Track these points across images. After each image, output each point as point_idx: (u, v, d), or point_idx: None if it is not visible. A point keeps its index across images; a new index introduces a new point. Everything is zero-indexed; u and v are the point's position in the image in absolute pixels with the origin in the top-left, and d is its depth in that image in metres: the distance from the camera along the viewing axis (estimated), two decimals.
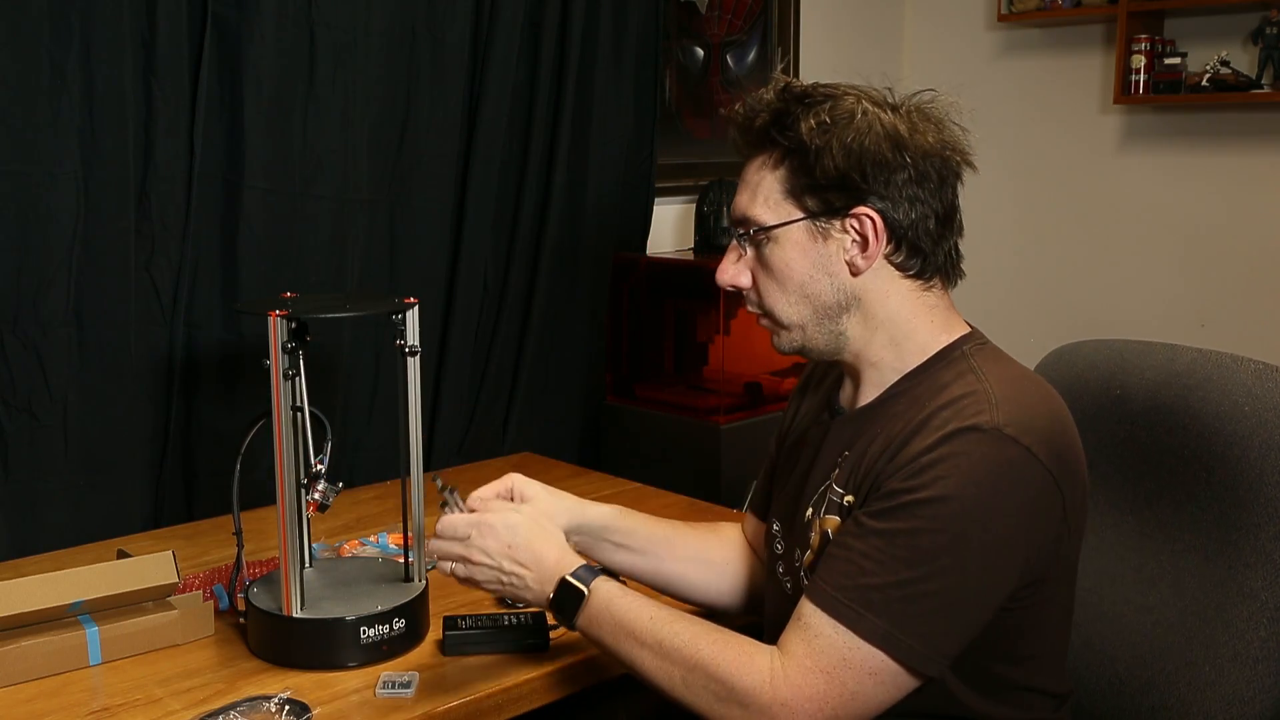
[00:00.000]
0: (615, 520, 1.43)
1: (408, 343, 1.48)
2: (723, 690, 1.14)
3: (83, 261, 1.87)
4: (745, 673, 1.13)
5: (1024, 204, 3.44)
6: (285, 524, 1.43)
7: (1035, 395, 1.18)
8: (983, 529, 1.09)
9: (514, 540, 1.27)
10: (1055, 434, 1.14)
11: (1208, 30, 3.02)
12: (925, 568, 1.09)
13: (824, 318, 1.24)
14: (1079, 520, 1.19)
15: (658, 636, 1.19)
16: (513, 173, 2.45)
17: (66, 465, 1.90)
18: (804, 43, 3.23)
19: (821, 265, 1.22)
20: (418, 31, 2.23)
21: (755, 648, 1.16)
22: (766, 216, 1.23)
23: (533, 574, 1.27)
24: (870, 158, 1.18)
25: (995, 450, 1.09)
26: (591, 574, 1.25)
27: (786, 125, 1.21)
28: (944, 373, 1.20)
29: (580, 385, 2.64)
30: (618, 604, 1.22)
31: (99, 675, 1.42)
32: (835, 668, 1.11)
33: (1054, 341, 1.63)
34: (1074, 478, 1.16)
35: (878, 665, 1.10)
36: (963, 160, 1.23)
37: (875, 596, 1.10)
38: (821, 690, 1.11)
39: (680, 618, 1.21)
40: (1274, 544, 1.25)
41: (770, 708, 1.12)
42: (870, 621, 1.10)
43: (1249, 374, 1.30)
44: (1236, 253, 3.06)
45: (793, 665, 1.13)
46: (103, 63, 1.84)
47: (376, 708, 1.34)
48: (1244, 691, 1.25)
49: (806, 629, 1.13)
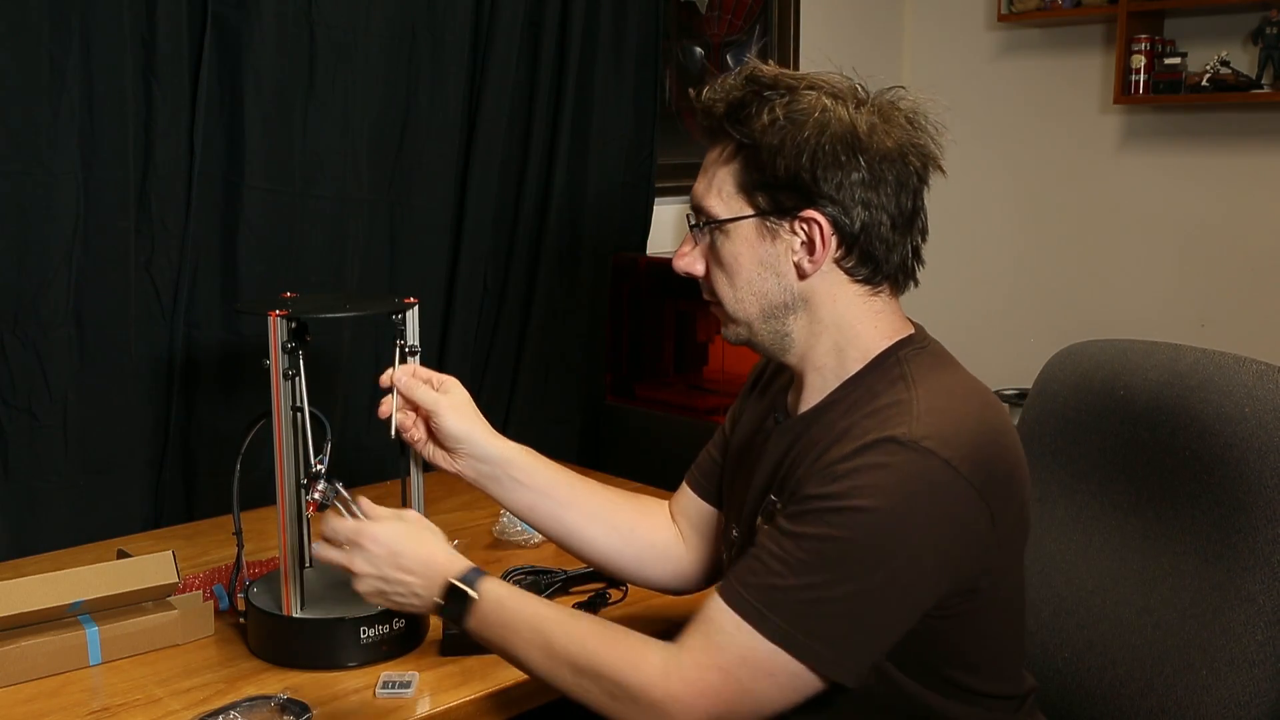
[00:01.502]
0: (518, 456, 1.41)
1: (408, 343, 1.48)
2: (614, 687, 1.13)
3: (83, 261, 1.87)
4: (636, 668, 1.13)
5: (1024, 204, 3.44)
6: (285, 524, 1.43)
7: (964, 406, 1.15)
8: (895, 540, 1.08)
9: (398, 547, 1.25)
10: (981, 446, 1.12)
11: (1208, 30, 3.02)
12: (832, 574, 1.09)
13: (770, 316, 1.22)
14: (1014, 532, 1.17)
15: (546, 637, 1.18)
16: (513, 173, 2.45)
17: (66, 465, 1.90)
18: (804, 43, 3.23)
19: (769, 264, 1.20)
20: (418, 31, 2.23)
21: (647, 644, 1.15)
22: (719, 209, 1.21)
23: (419, 580, 1.24)
24: (823, 160, 1.15)
25: (912, 462, 1.08)
26: (478, 575, 1.23)
27: (741, 119, 1.18)
28: (877, 381, 1.19)
29: (580, 385, 2.64)
30: (507, 605, 1.20)
31: (99, 675, 1.43)
32: (733, 664, 1.11)
33: (1053, 341, 1.63)
34: (1004, 490, 1.14)
35: (777, 665, 1.10)
36: (927, 163, 1.21)
37: (780, 597, 1.10)
38: (716, 686, 1.11)
39: (571, 617, 1.21)
40: (1271, 547, 1.24)
41: (663, 702, 1.11)
42: (773, 621, 1.09)
43: (1250, 375, 1.30)
44: (1236, 253, 3.06)
45: (689, 660, 1.12)
46: (103, 63, 1.84)
47: (376, 708, 1.34)
48: (1240, 695, 1.24)
49: (709, 624, 1.13)
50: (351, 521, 1.28)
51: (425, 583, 1.24)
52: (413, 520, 1.31)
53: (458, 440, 1.38)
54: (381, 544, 1.25)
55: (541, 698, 1.43)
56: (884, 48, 3.53)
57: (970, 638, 1.18)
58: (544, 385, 2.57)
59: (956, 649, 1.18)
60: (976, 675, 1.20)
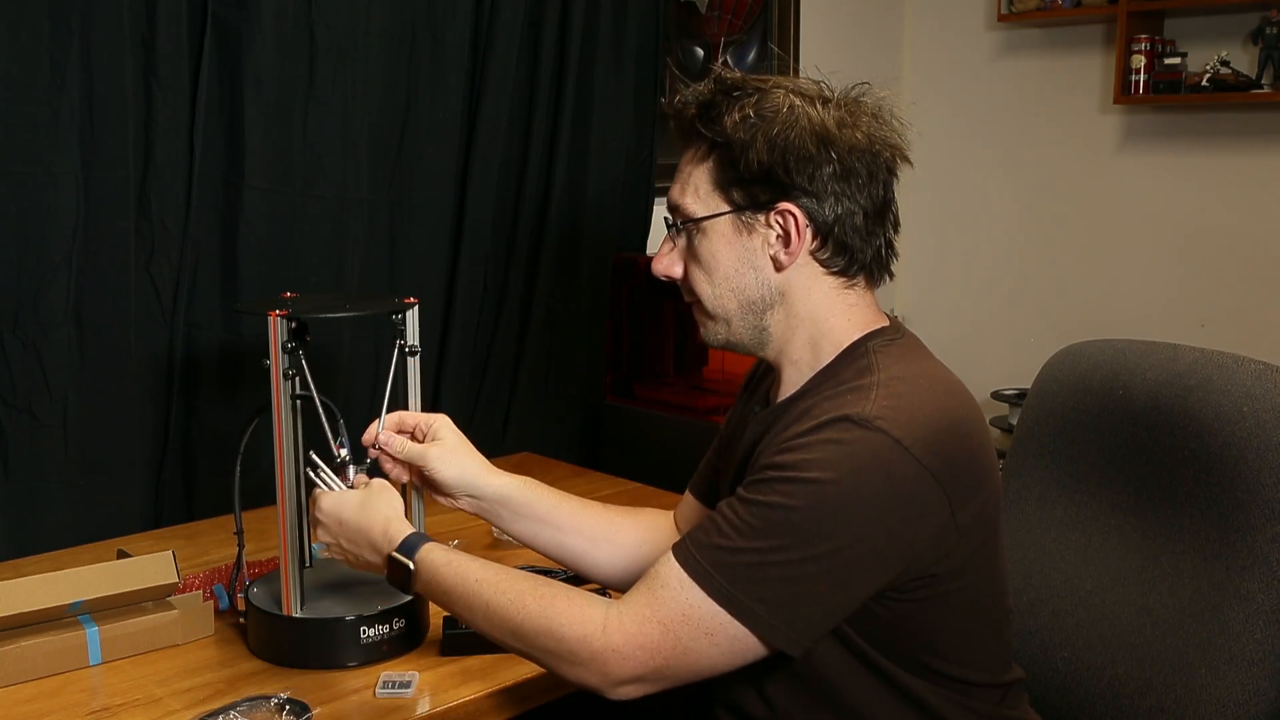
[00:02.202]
0: (515, 492, 1.43)
1: (408, 343, 1.49)
2: (552, 643, 1.17)
3: (83, 261, 1.87)
4: (575, 623, 1.15)
5: (1024, 204, 3.44)
6: (285, 524, 1.43)
7: (925, 394, 1.17)
8: (842, 513, 1.10)
9: (343, 517, 1.35)
10: (938, 432, 1.13)
11: (1208, 30, 3.02)
12: (777, 540, 1.10)
13: (748, 312, 1.25)
14: (977, 521, 1.17)
15: (484, 599, 1.21)
16: (513, 173, 2.45)
17: (66, 465, 1.90)
18: (804, 43, 3.23)
19: (746, 259, 1.23)
20: (418, 31, 2.23)
21: (588, 600, 1.18)
22: (695, 208, 1.24)
23: (366, 551, 1.33)
24: (794, 153, 1.18)
25: (863, 439, 1.10)
26: (419, 542, 1.29)
27: (712, 118, 1.21)
28: (845, 369, 1.21)
29: (580, 385, 2.64)
30: (442, 573, 1.25)
31: (99, 675, 1.43)
32: (673, 620, 1.13)
33: (1053, 340, 1.63)
34: (964, 478, 1.14)
35: (716, 625, 1.12)
36: (895, 155, 1.23)
37: (725, 559, 1.12)
38: (655, 640, 1.13)
39: (509, 578, 1.23)
40: (1270, 546, 1.24)
41: (602, 653, 1.14)
42: (716, 581, 1.11)
43: (1249, 375, 1.30)
44: (1236, 253, 3.07)
45: (630, 613, 1.14)
46: (103, 63, 1.84)
47: (376, 708, 1.34)
48: (1239, 694, 1.24)
49: (655, 578, 1.15)
50: (315, 493, 1.39)
51: (371, 553, 1.33)
52: (372, 489, 1.37)
53: (451, 487, 1.41)
54: (328, 514, 1.36)
55: (542, 697, 1.43)
56: (884, 48, 3.53)
57: (936, 624, 1.19)
58: (544, 385, 2.57)
59: (922, 634, 1.19)
60: (948, 662, 1.21)
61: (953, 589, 1.18)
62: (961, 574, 1.18)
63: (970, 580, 1.19)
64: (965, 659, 1.23)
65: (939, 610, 1.18)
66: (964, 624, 1.21)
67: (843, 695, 1.21)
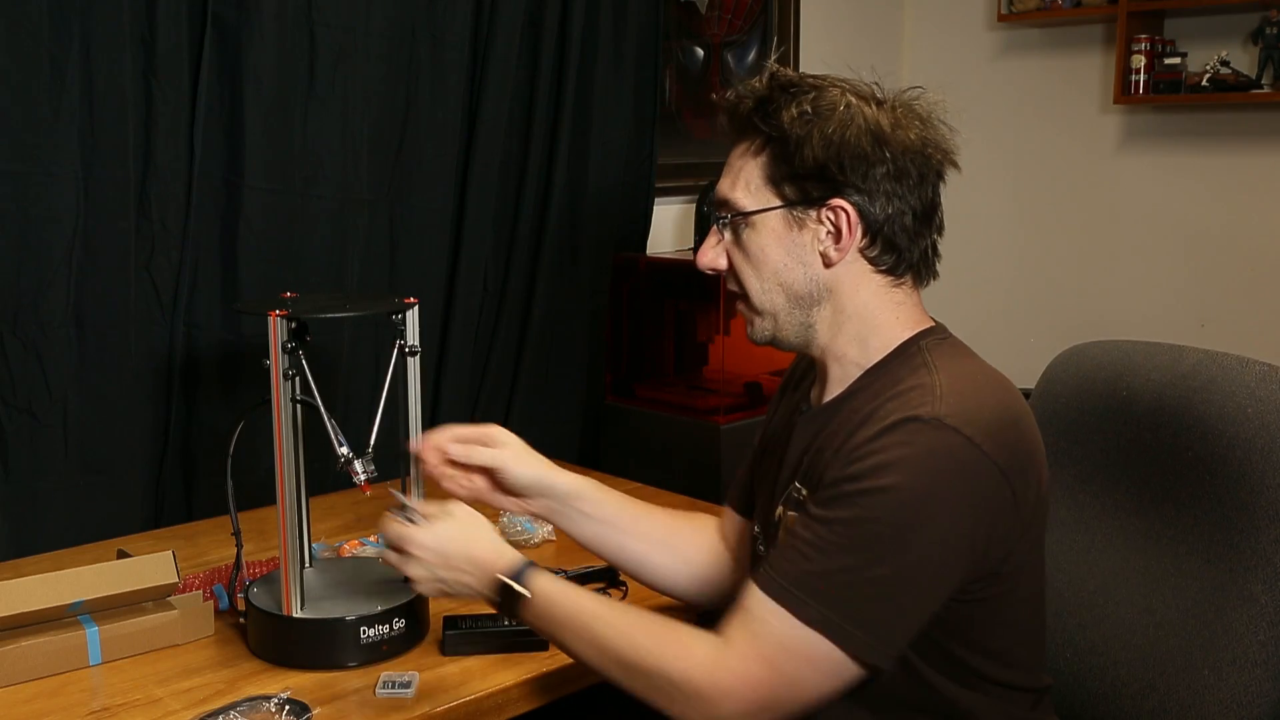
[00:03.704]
0: (586, 490, 1.44)
1: (408, 343, 1.48)
2: (661, 681, 1.16)
3: (83, 261, 1.87)
4: (682, 662, 1.15)
5: (1024, 204, 3.44)
6: (285, 524, 1.43)
7: (986, 389, 1.17)
8: (924, 518, 1.09)
9: (445, 549, 1.30)
10: (1003, 426, 1.14)
11: (1208, 30, 3.02)
12: (865, 555, 1.10)
13: (795, 307, 1.24)
14: (1034, 517, 1.18)
15: (594, 633, 1.21)
16: (513, 173, 2.45)
17: (66, 465, 1.90)
18: (804, 43, 3.23)
19: (796, 254, 1.23)
20: (418, 31, 2.23)
21: (693, 637, 1.17)
22: (746, 202, 1.24)
23: (472, 577, 1.30)
24: (849, 150, 1.18)
25: (936, 439, 1.10)
26: (528, 570, 1.27)
27: (769, 113, 1.21)
28: (900, 368, 1.21)
29: (580, 385, 2.64)
30: (556, 602, 1.24)
31: (99, 675, 1.42)
32: (775, 654, 1.12)
33: (1053, 340, 1.63)
34: (1025, 472, 1.15)
35: (818, 652, 1.11)
36: (945, 159, 1.24)
37: (816, 583, 1.11)
38: (760, 676, 1.12)
39: (619, 612, 1.23)
40: (1274, 547, 1.24)
41: (711, 695, 1.13)
42: (811, 607, 1.11)
43: (1253, 376, 1.29)
44: (1236, 253, 3.06)
45: (733, 652, 1.14)
46: (103, 63, 1.84)
47: (376, 708, 1.34)
48: (1242, 695, 1.24)
49: (748, 614, 1.14)
50: (397, 529, 1.32)
51: (478, 579, 1.29)
52: (460, 517, 1.34)
53: (528, 488, 1.42)
54: (429, 549, 1.30)
55: (543, 697, 1.43)
56: (884, 48, 3.53)
57: (992, 624, 1.19)
58: (544, 385, 2.57)
59: (977, 635, 1.18)
60: (996, 663, 1.21)
61: (1009, 587, 1.18)
62: (1019, 571, 1.18)
63: (1024, 577, 1.20)
64: (1011, 659, 1.22)
65: (994, 609, 1.18)
66: (1014, 623, 1.21)
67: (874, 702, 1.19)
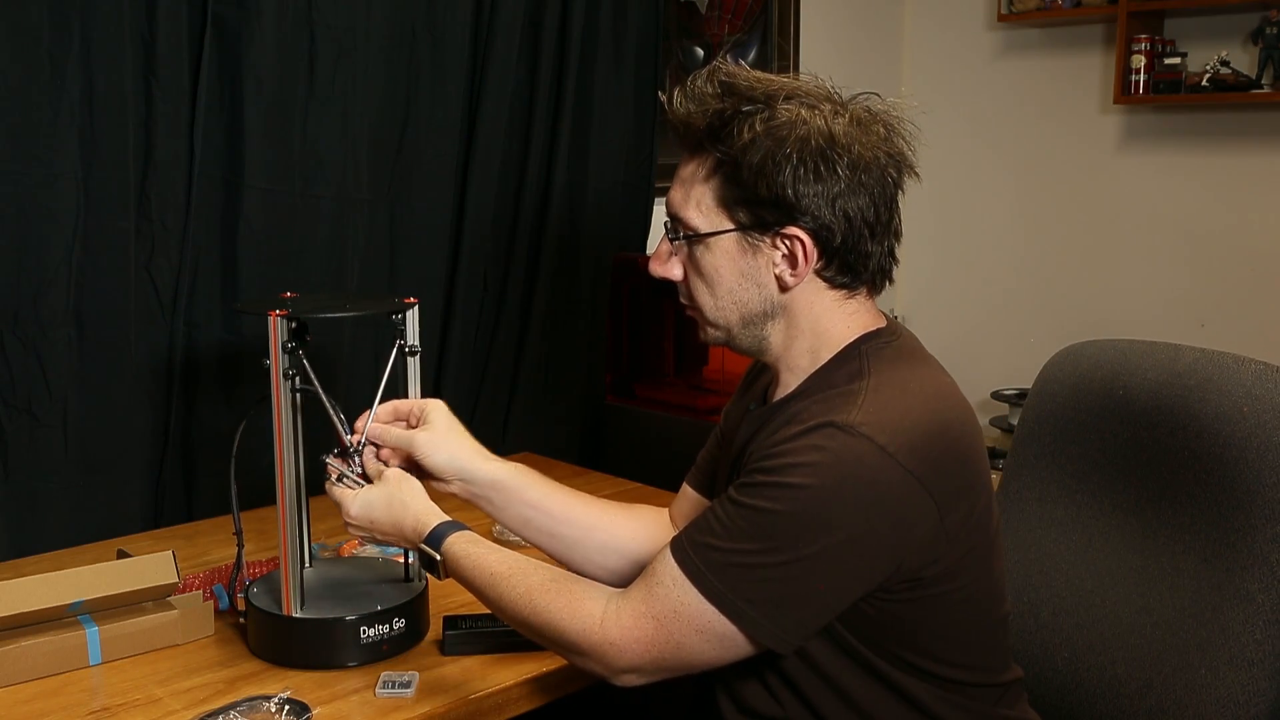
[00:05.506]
0: (508, 477, 1.42)
1: (408, 343, 1.49)
2: (556, 634, 1.22)
3: (83, 261, 1.87)
4: (574, 618, 1.20)
5: (1024, 204, 3.44)
6: (285, 524, 1.43)
7: (915, 399, 1.17)
8: (825, 517, 1.11)
9: (373, 516, 1.37)
10: (927, 437, 1.14)
11: (1208, 30, 3.02)
12: (764, 543, 1.12)
13: (749, 324, 1.25)
14: (966, 525, 1.17)
15: (499, 590, 1.26)
16: (513, 173, 2.45)
17: (66, 465, 1.90)
18: (804, 43, 3.23)
19: (751, 275, 1.23)
20: (418, 31, 2.23)
21: (589, 593, 1.23)
22: (699, 222, 1.23)
23: (398, 538, 1.37)
24: (804, 176, 1.16)
25: (846, 445, 1.11)
26: (447, 532, 1.32)
27: (721, 137, 1.19)
28: (837, 373, 1.22)
29: (580, 385, 2.64)
30: (463, 564, 1.29)
31: (99, 675, 1.43)
32: (667, 616, 1.16)
33: (1053, 340, 1.63)
34: (953, 483, 1.15)
35: (707, 623, 1.14)
36: (901, 170, 1.22)
37: (717, 559, 1.14)
38: (650, 634, 1.16)
39: (523, 570, 1.27)
40: (1270, 546, 1.25)
41: (599, 647, 1.19)
42: (709, 580, 1.14)
43: (1250, 375, 1.30)
44: (1236, 253, 3.06)
45: (627, 608, 1.18)
46: (103, 63, 1.84)
47: (376, 708, 1.34)
48: (1238, 695, 1.24)
49: (652, 574, 1.19)
50: (334, 494, 1.40)
51: (404, 541, 1.37)
52: (391, 481, 1.37)
53: (440, 470, 1.41)
54: (356, 516, 1.37)
55: (543, 697, 1.43)
56: (884, 48, 3.53)
57: (924, 624, 1.20)
58: (544, 385, 2.57)
59: (910, 633, 1.20)
60: (938, 662, 1.22)
61: (941, 591, 1.18)
62: (951, 577, 1.18)
63: (961, 583, 1.20)
64: (956, 659, 1.23)
65: (927, 611, 1.19)
66: (954, 626, 1.22)
67: (840, 689, 1.22)
